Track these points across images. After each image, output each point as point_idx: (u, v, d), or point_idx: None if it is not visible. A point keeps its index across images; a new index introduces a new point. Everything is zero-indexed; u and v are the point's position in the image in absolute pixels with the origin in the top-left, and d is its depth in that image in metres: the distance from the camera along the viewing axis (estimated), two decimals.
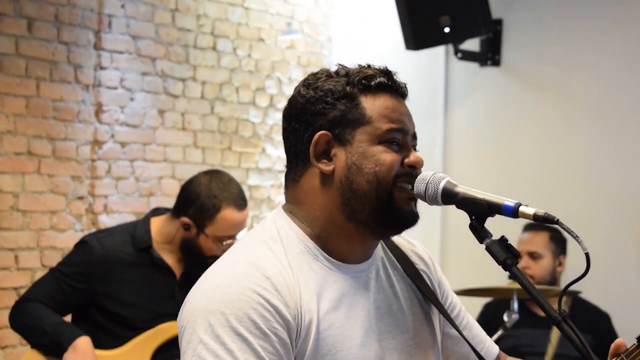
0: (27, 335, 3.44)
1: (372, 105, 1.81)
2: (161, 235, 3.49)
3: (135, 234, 3.49)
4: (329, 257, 1.81)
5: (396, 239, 1.99)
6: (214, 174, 3.49)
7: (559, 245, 4.52)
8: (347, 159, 1.79)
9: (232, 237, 3.43)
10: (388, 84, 1.84)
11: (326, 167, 1.81)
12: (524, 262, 4.42)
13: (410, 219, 1.83)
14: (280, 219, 1.85)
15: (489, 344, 2.06)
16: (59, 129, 4.92)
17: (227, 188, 3.40)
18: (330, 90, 1.82)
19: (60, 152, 4.93)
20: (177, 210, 3.47)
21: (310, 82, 1.85)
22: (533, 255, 4.45)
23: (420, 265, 2.00)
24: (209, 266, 3.41)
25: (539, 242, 4.48)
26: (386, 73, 1.86)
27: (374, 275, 1.87)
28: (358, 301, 1.81)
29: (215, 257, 3.40)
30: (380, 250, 1.93)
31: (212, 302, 1.67)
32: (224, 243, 3.41)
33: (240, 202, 3.41)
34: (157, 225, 3.51)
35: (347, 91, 1.82)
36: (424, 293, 1.95)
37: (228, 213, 3.38)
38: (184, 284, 3.52)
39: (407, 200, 1.81)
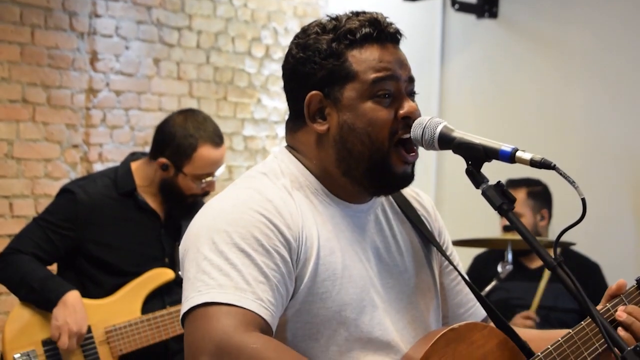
0: (15, 290, 3.43)
1: (359, 59, 1.79)
2: (142, 178, 3.50)
3: (117, 179, 3.49)
4: (329, 193, 1.83)
5: None
6: (188, 113, 3.49)
7: (538, 199, 4.48)
8: (339, 117, 1.79)
9: (211, 174, 3.45)
10: (373, 35, 1.81)
11: (320, 127, 1.82)
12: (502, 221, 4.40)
13: (402, 182, 1.84)
14: (282, 155, 1.87)
15: (477, 306, 2.04)
16: (53, 76, 4.90)
17: (202, 126, 3.41)
18: (317, 49, 1.80)
19: (55, 100, 4.91)
20: (154, 152, 3.47)
21: (300, 40, 1.84)
22: None
23: (421, 211, 2.00)
24: (189, 207, 3.46)
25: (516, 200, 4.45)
26: (372, 22, 1.82)
27: (373, 217, 1.89)
28: (356, 239, 1.82)
29: (195, 196, 3.44)
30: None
31: (216, 222, 1.70)
32: (203, 181, 3.43)
33: (217, 139, 3.42)
34: (137, 169, 3.52)
35: (333, 48, 1.80)
36: (425, 236, 1.95)
37: (205, 151, 3.39)
38: (169, 227, 3.55)
39: (403, 164, 1.81)
